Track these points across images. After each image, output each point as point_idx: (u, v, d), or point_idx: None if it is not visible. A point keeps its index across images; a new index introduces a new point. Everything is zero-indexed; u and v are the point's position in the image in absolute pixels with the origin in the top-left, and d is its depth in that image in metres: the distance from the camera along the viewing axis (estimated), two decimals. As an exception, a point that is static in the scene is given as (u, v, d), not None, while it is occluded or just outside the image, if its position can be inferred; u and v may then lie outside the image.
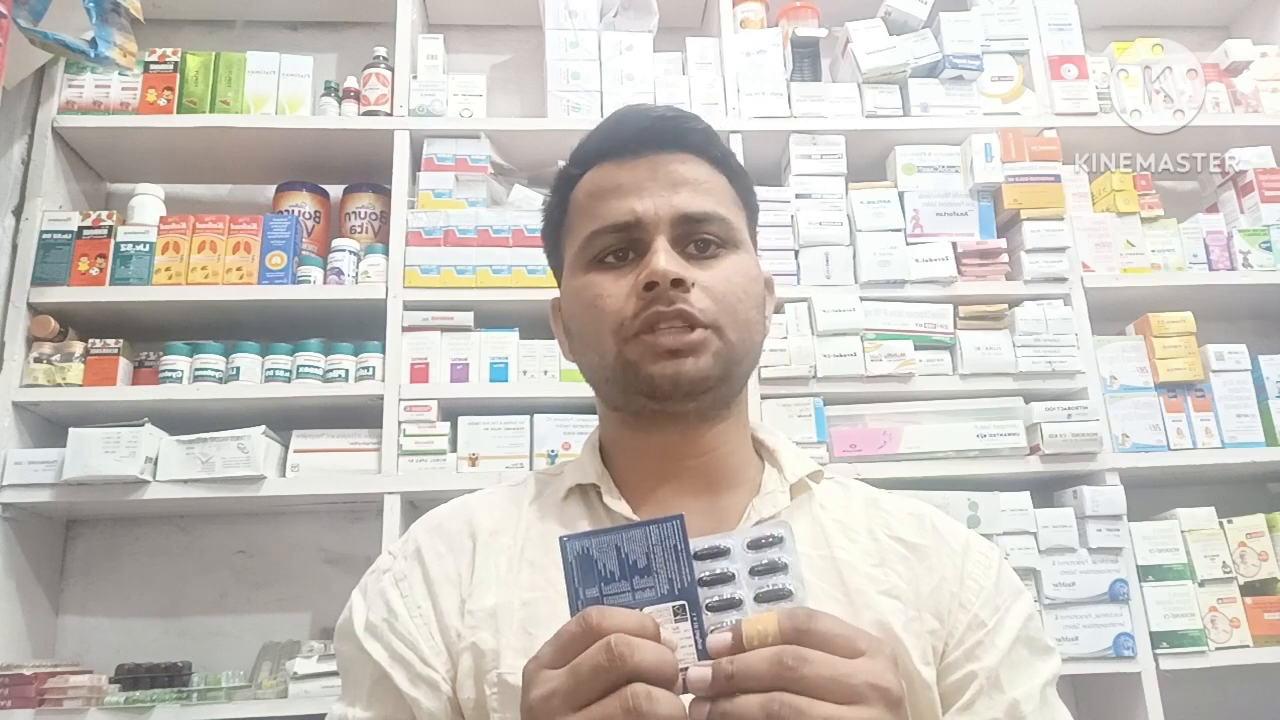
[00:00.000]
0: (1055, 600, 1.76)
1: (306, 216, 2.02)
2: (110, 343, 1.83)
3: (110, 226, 1.87)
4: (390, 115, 2.01)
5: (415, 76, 2.05)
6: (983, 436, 1.85)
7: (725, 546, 0.53)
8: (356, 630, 0.73)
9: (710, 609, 0.52)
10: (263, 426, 1.78)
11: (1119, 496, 1.82)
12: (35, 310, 1.82)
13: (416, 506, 1.80)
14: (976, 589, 0.74)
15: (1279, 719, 1.92)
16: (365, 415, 1.83)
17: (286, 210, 2.02)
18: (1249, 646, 1.78)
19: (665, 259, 0.71)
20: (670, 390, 0.72)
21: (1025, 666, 0.72)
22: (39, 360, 1.79)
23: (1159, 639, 1.77)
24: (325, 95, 2.04)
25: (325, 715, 0.74)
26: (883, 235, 1.97)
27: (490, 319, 1.90)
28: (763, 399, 1.84)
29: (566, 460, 0.89)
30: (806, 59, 2.13)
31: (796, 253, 1.96)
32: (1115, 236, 2.03)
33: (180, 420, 1.79)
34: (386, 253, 1.91)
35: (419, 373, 1.84)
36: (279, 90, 2.01)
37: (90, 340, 1.83)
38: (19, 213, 1.86)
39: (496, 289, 1.89)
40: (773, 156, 2.11)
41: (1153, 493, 1.93)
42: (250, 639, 1.87)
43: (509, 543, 0.75)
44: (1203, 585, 1.81)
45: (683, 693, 0.50)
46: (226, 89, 1.99)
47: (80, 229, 1.87)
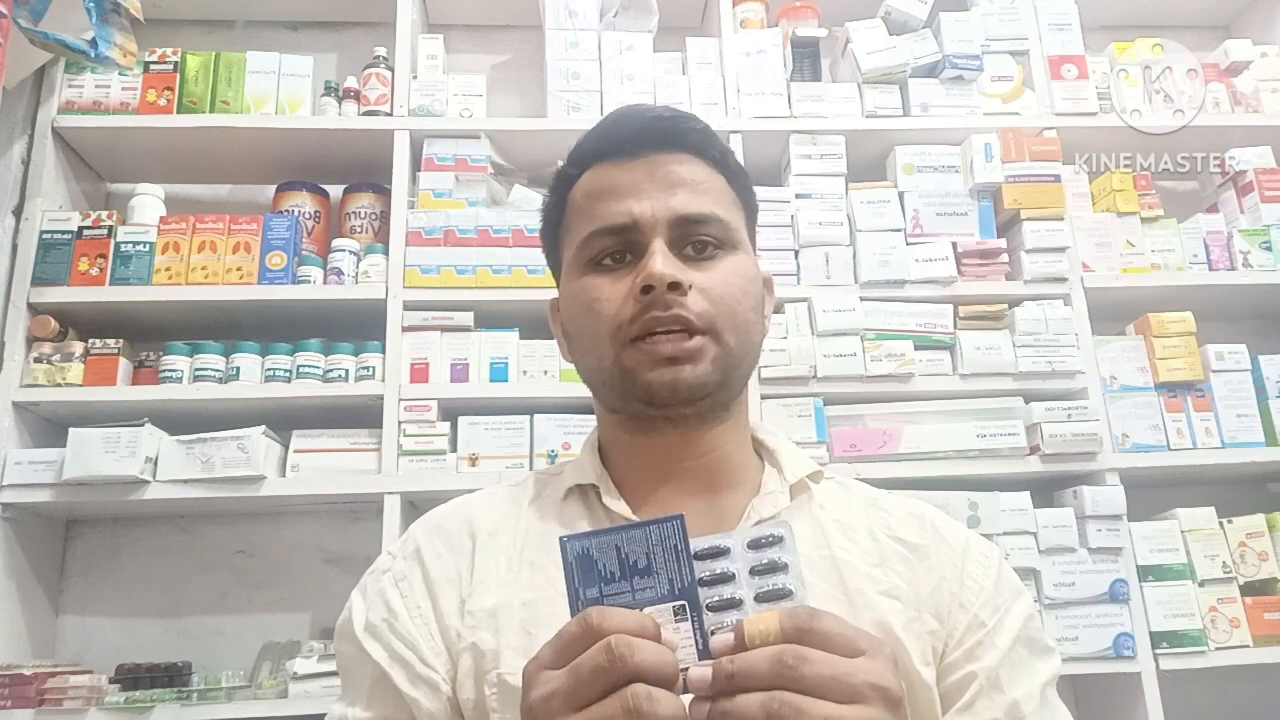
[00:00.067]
0: (1055, 600, 1.76)
1: (306, 216, 2.02)
2: (110, 343, 1.83)
3: (110, 226, 1.87)
4: (390, 115, 2.01)
5: (415, 76, 2.05)
6: (983, 436, 1.85)
7: (725, 546, 0.53)
8: (356, 630, 0.73)
9: (710, 609, 0.52)
10: (263, 426, 1.78)
11: (1119, 496, 1.82)
12: (35, 310, 1.82)
13: (416, 506, 1.80)
14: (976, 589, 0.73)
15: (1279, 719, 1.92)
16: (365, 415, 1.83)
17: (286, 210, 2.02)
18: (1249, 646, 1.78)
19: (662, 262, 0.70)
20: (669, 397, 0.71)
21: (1025, 667, 0.72)
22: (39, 360, 1.79)
23: (1159, 639, 1.77)
24: (325, 95, 2.04)
25: (325, 715, 0.74)
26: (883, 235, 1.97)
27: (490, 319, 1.90)
28: (763, 399, 1.84)
29: (566, 460, 0.89)
30: (806, 59, 2.12)
31: (796, 253, 1.96)
32: (1115, 236, 2.03)
33: (180, 420, 1.79)
34: (386, 253, 1.91)
35: (419, 373, 1.84)
36: (279, 90, 2.01)
37: (90, 340, 1.83)
38: (19, 213, 1.86)
39: (496, 289, 1.89)
40: (773, 156, 2.11)
41: (1153, 493, 1.93)
42: (250, 639, 1.87)
43: (508, 543, 0.75)
44: (1203, 585, 1.81)
45: (683, 693, 0.50)
46: (226, 89, 1.99)
47: (80, 229, 1.87)
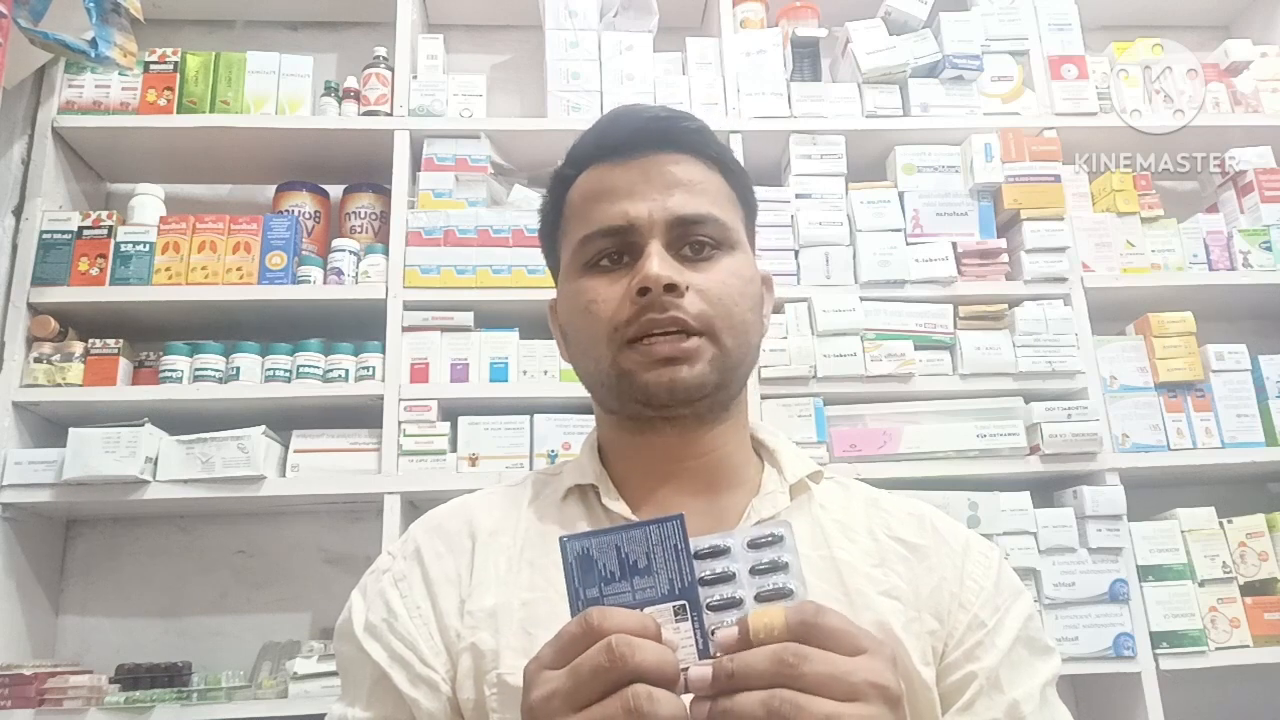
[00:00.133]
0: (1055, 600, 1.76)
1: (306, 216, 2.02)
2: (110, 343, 1.83)
3: (110, 226, 1.87)
4: (390, 115, 2.01)
5: (415, 76, 2.05)
6: (983, 436, 1.85)
7: (726, 546, 0.53)
8: (356, 630, 0.73)
9: (711, 609, 0.52)
10: (263, 426, 1.78)
11: (1119, 496, 1.82)
12: (35, 310, 1.82)
13: (416, 506, 1.80)
14: (976, 589, 0.73)
15: (1279, 719, 1.92)
16: (365, 415, 1.83)
17: (286, 210, 2.02)
18: (1249, 646, 1.78)
19: (658, 264, 0.70)
20: (666, 399, 0.71)
21: (1025, 667, 0.71)
22: (39, 360, 1.79)
23: (1159, 639, 1.77)
24: (325, 95, 2.04)
25: (325, 715, 0.74)
26: (883, 235, 1.97)
27: (490, 319, 1.90)
28: (763, 399, 1.84)
29: (566, 460, 0.89)
30: (806, 59, 2.12)
31: (796, 253, 1.96)
32: (1115, 236, 2.03)
33: (180, 420, 1.79)
34: (386, 253, 1.91)
35: (419, 373, 1.84)
36: (279, 90, 2.01)
37: (90, 340, 1.83)
38: (19, 213, 1.86)
39: (496, 289, 1.89)
40: (773, 156, 2.10)
41: (1153, 493, 1.93)
42: (250, 639, 1.87)
43: (508, 543, 0.75)
44: (1203, 585, 1.81)
45: (684, 693, 0.50)
46: (226, 89, 1.99)
47: (80, 229, 1.87)
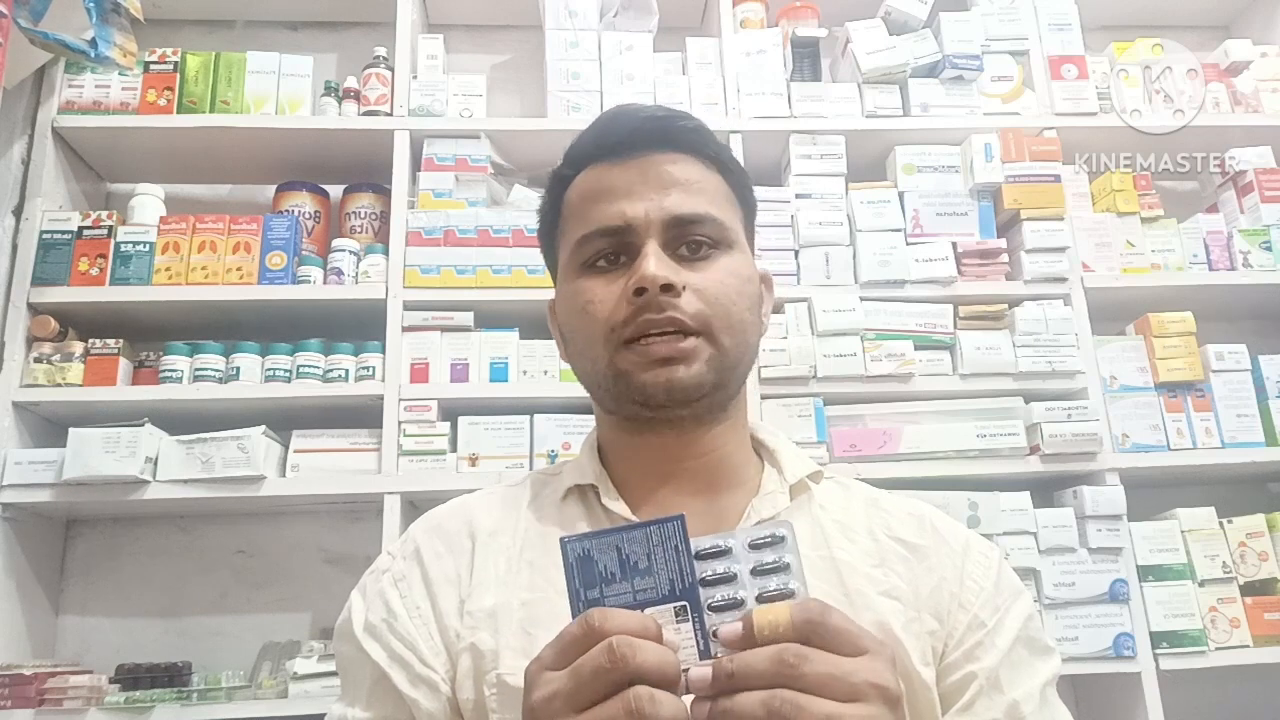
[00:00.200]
0: (1055, 600, 1.76)
1: (306, 216, 2.02)
2: (110, 343, 1.83)
3: (110, 226, 1.87)
4: (390, 115, 2.01)
5: (415, 76, 2.05)
6: (983, 436, 1.85)
7: (727, 546, 0.53)
8: (355, 631, 0.73)
9: (712, 609, 0.52)
10: (263, 426, 1.78)
11: (1119, 496, 1.82)
12: (35, 310, 1.82)
13: (416, 506, 1.80)
14: (976, 589, 0.73)
15: (1279, 719, 1.92)
16: (365, 415, 1.83)
17: (286, 210, 2.02)
18: (1249, 646, 1.78)
19: (655, 264, 0.70)
20: (664, 399, 0.71)
21: (1025, 667, 0.71)
22: (39, 360, 1.79)
23: (1159, 639, 1.77)
24: (325, 95, 2.04)
25: (325, 715, 0.74)
26: (883, 235, 1.97)
27: (490, 319, 1.90)
28: (763, 399, 1.84)
29: (565, 460, 0.89)
30: (806, 59, 2.12)
31: (796, 253, 1.96)
32: (1115, 236, 2.03)
33: (180, 420, 1.79)
34: (386, 253, 1.91)
35: (419, 373, 1.84)
36: (279, 90, 2.01)
37: (90, 340, 1.83)
38: (19, 213, 1.86)
39: (496, 289, 1.89)
40: (773, 156, 2.10)
41: (1153, 493, 1.93)
42: (250, 639, 1.87)
43: (508, 543, 0.75)
44: (1203, 585, 1.81)
45: (685, 694, 0.50)
46: (226, 89, 1.99)
47: (80, 229, 1.87)
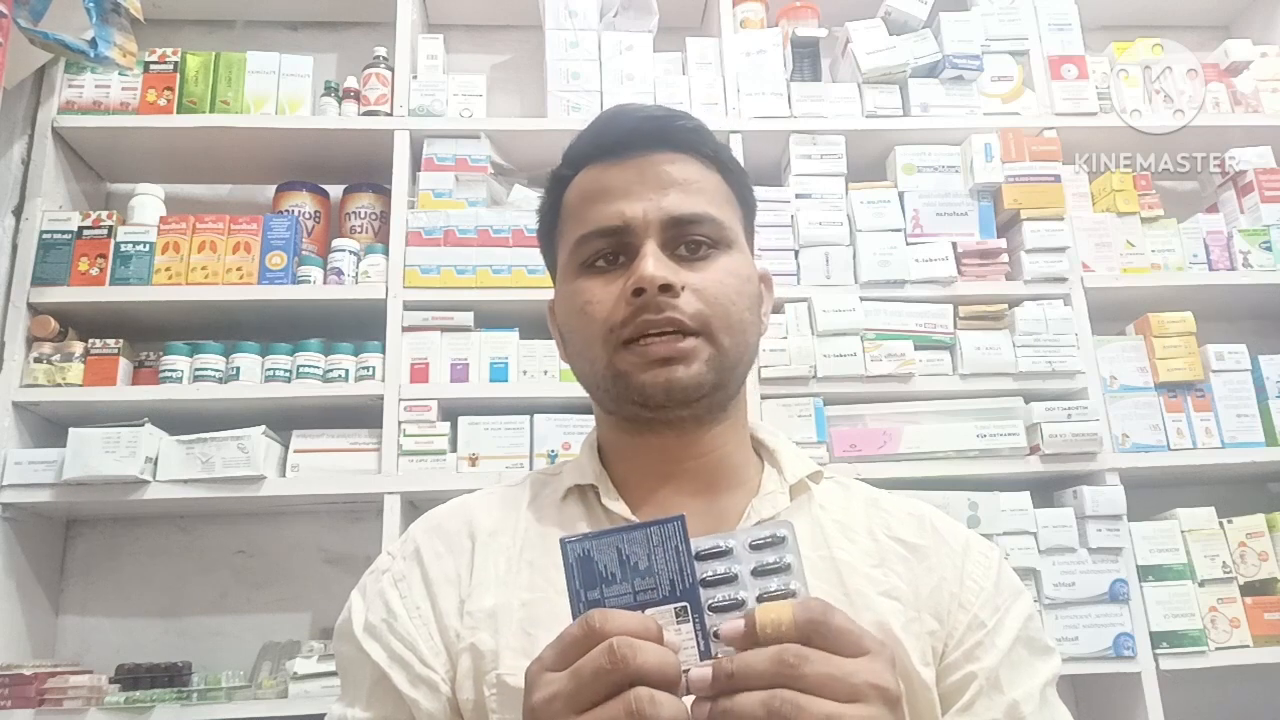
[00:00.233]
0: (1055, 600, 1.76)
1: (306, 216, 2.02)
2: (110, 343, 1.83)
3: (110, 226, 1.87)
4: (390, 115, 2.01)
5: (415, 76, 2.05)
6: (983, 436, 1.85)
7: (727, 547, 0.53)
8: (355, 631, 0.73)
9: (713, 610, 0.52)
10: (263, 426, 1.78)
11: (1119, 496, 1.82)
12: (35, 310, 1.82)
13: (416, 506, 1.80)
14: (976, 589, 0.73)
15: (1279, 719, 1.92)
16: (365, 415, 1.83)
17: (286, 210, 2.02)
18: (1249, 646, 1.78)
19: (653, 264, 0.70)
20: (663, 399, 0.71)
21: (1025, 667, 0.71)
22: (39, 360, 1.79)
23: (1159, 639, 1.77)
24: (325, 95, 2.04)
25: (325, 715, 0.74)
26: (883, 235, 1.97)
27: (490, 319, 1.90)
28: (763, 399, 1.84)
29: (565, 460, 0.89)
30: (806, 59, 2.12)
31: (796, 253, 1.96)
32: (1115, 236, 2.03)
33: (180, 420, 1.79)
34: (386, 253, 1.91)
35: (419, 373, 1.84)
36: (279, 90, 2.01)
37: (90, 340, 1.83)
38: (19, 213, 1.86)
39: (496, 289, 1.89)
40: (773, 156, 2.10)
41: (1153, 493, 1.93)
42: (250, 639, 1.87)
43: (508, 543, 0.75)
44: (1203, 585, 1.81)
45: (685, 694, 0.50)
46: (226, 89, 1.99)
47: (80, 229, 1.87)
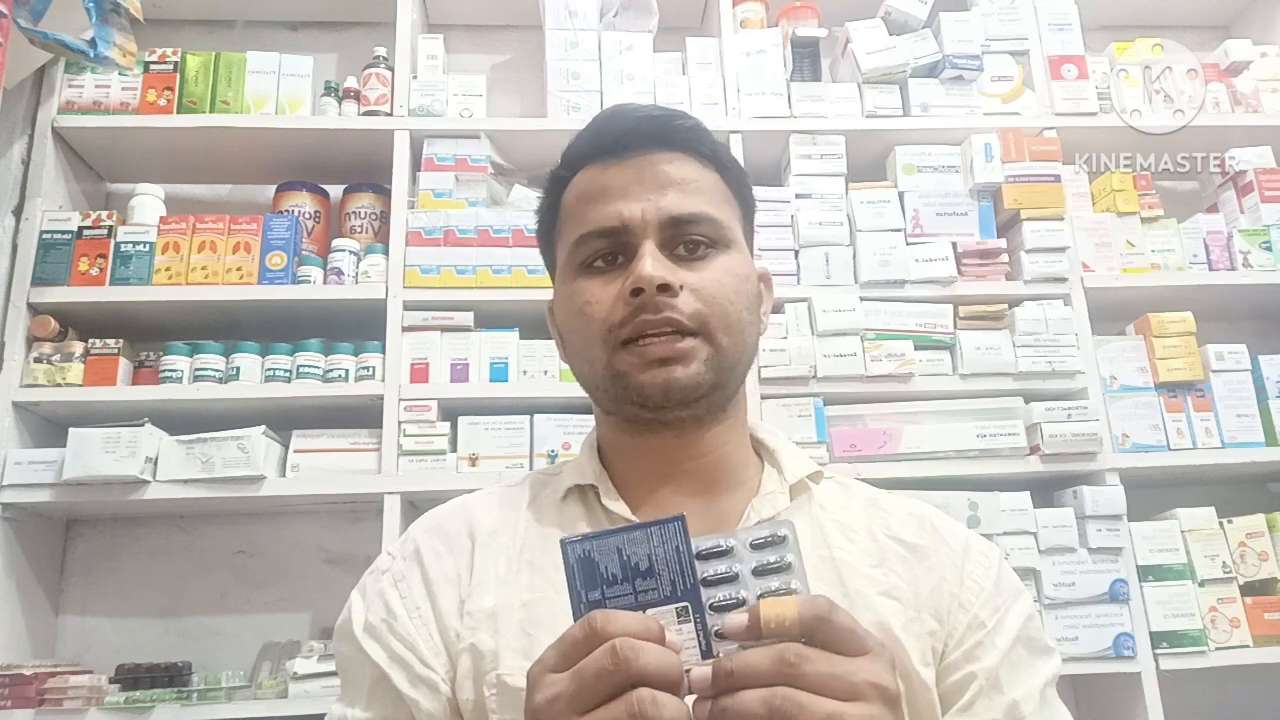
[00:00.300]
0: (1055, 600, 1.76)
1: (306, 216, 2.02)
2: (110, 343, 1.83)
3: (110, 226, 1.87)
4: (390, 115, 2.01)
5: (415, 76, 2.05)
6: (983, 436, 1.85)
7: (728, 546, 0.53)
8: (355, 631, 0.73)
9: (714, 609, 0.52)
10: (263, 426, 1.78)
11: (1119, 496, 1.82)
12: (35, 310, 1.82)
13: (416, 506, 1.80)
14: (976, 589, 0.73)
15: (1279, 719, 1.92)
16: (365, 415, 1.83)
17: (286, 210, 2.02)
18: (1249, 646, 1.78)
19: (651, 264, 0.70)
20: (662, 400, 0.71)
21: (1025, 667, 0.71)
22: (39, 360, 1.79)
23: (1159, 639, 1.77)
24: (325, 95, 2.04)
25: (325, 715, 0.74)
26: (883, 235, 1.97)
27: (490, 319, 1.90)
28: (763, 399, 1.84)
29: (565, 460, 0.89)
30: (806, 59, 2.12)
31: (796, 253, 1.96)
32: (1115, 236, 2.03)
33: (180, 420, 1.78)
34: (386, 253, 1.91)
35: (419, 373, 1.84)
36: (279, 90, 2.01)
37: (90, 340, 1.83)
38: (19, 213, 1.86)
39: (496, 289, 1.89)
40: (773, 156, 2.10)
41: (1153, 493, 1.93)
42: (250, 639, 1.87)
43: (508, 543, 0.75)
44: (1203, 585, 1.81)
45: (687, 694, 0.50)
46: (226, 89, 1.99)
47: (80, 229, 1.87)
